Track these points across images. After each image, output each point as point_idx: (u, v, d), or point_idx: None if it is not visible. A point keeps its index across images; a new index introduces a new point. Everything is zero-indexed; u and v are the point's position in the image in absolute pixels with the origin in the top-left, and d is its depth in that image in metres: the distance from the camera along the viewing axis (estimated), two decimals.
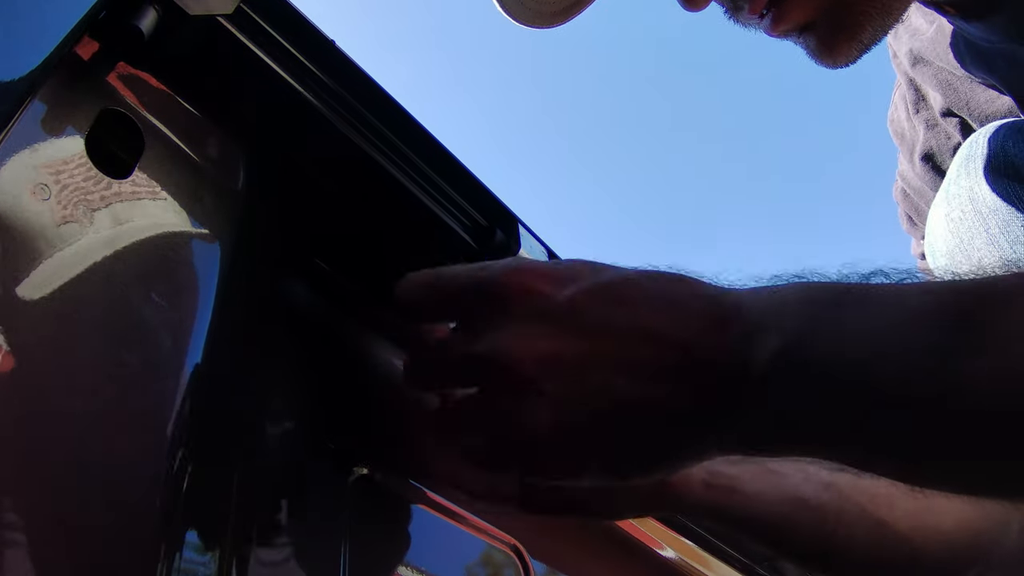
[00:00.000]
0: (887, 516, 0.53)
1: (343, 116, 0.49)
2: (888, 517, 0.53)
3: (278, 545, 0.46)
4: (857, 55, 0.67)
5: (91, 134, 0.38)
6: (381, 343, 0.64)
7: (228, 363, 0.45)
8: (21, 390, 0.32)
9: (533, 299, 0.38)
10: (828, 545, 0.54)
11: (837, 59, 0.67)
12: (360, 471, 0.55)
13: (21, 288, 0.33)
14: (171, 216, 0.42)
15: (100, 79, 0.41)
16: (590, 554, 0.80)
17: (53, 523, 0.31)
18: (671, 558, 0.93)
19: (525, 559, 0.67)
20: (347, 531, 0.51)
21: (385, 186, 0.52)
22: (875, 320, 0.33)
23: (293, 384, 0.54)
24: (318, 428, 0.54)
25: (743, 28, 0.73)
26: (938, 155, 0.83)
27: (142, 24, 0.38)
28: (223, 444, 0.44)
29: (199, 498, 0.40)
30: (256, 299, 0.52)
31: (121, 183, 0.40)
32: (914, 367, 0.32)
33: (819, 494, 0.53)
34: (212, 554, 0.41)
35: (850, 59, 0.67)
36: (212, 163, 0.47)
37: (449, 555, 0.62)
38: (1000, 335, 0.31)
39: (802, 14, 0.65)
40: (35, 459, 0.31)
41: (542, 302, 0.38)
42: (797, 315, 0.35)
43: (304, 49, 0.46)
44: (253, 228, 0.50)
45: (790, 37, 0.68)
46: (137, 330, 0.38)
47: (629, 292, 0.38)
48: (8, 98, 0.33)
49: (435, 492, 0.60)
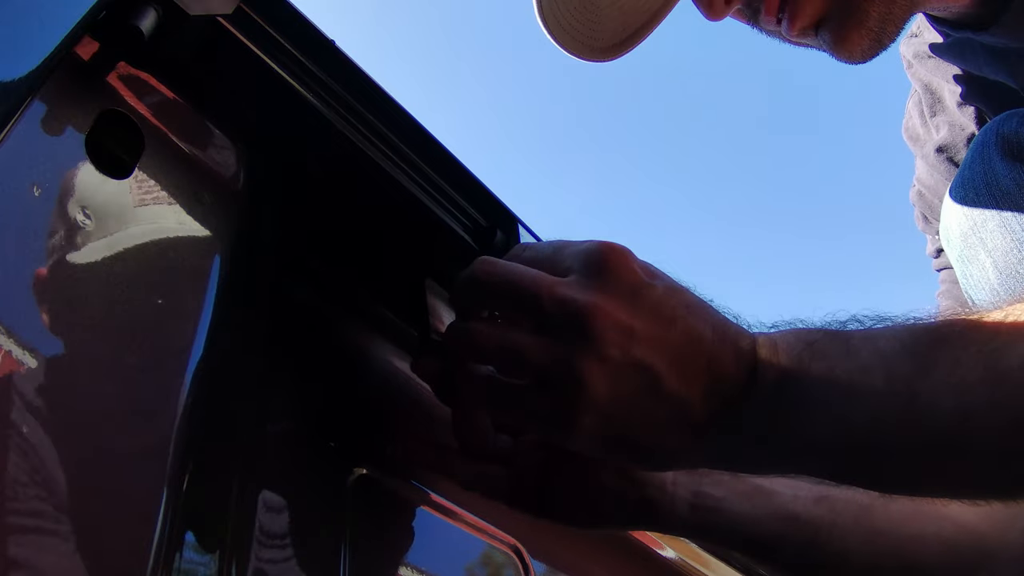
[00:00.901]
0: (883, 525, 0.53)
1: (343, 116, 0.49)
2: (884, 526, 0.53)
3: (278, 545, 0.46)
4: (870, 46, 0.69)
5: (91, 134, 0.38)
6: (381, 342, 0.64)
7: (228, 362, 0.45)
8: (20, 390, 0.32)
9: (629, 275, 0.45)
10: (822, 559, 0.54)
11: (852, 51, 0.70)
12: (360, 471, 0.55)
13: (20, 288, 0.33)
14: (170, 216, 0.42)
15: (100, 79, 0.41)
16: (590, 554, 0.80)
17: (53, 523, 0.31)
18: (671, 558, 0.93)
19: (525, 559, 0.67)
20: (347, 531, 0.51)
21: (385, 186, 0.52)
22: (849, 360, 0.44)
23: (293, 383, 0.54)
24: (318, 428, 0.54)
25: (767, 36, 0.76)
26: (952, 147, 0.84)
27: (142, 24, 0.38)
28: (223, 444, 0.44)
29: (199, 498, 0.40)
30: (256, 298, 0.52)
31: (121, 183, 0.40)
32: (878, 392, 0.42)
33: (810, 509, 0.54)
34: (212, 554, 0.41)
35: (864, 51, 0.69)
36: (212, 163, 0.47)
37: (449, 555, 0.62)
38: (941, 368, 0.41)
39: (813, 7, 0.68)
40: (35, 458, 0.31)
41: (635, 281, 0.45)
42: (790, 355, 0.45)
43: (304, 49, 0.46)
44: (253, 228, 0.50)
45: (808, 37, 0.70)
46: (137, 329, 0.38)
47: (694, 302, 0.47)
48: (8, 98, 0.33)
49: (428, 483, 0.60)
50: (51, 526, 0.31)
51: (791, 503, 0.54)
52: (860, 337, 0.44)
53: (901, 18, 0.69)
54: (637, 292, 0.45)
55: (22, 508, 0.30)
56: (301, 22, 0.46)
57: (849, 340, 0.44)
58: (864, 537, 0.53)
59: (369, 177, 0.52)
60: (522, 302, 0.46)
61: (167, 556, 0.36)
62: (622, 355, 0.43)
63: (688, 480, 0.55)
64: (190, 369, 0.40)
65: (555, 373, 0.44)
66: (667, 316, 0.45)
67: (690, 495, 0.55)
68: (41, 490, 0.31)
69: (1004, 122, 0.69)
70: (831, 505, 0.54)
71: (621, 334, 0.44)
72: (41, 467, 0.31)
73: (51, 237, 0.35)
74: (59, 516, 0.31)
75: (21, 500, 0.30)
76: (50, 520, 0.31)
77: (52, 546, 0.30)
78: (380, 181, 0.52)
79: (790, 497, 0.54)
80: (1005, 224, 0.65)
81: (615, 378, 0.43)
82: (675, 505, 0.55)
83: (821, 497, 0.54)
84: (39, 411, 0.32)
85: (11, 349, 0.32)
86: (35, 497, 0.31)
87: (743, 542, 0.55)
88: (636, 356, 0.43)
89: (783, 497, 0.54)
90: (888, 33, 0.69)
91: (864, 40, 0.68)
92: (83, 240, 0.36)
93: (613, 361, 0.43)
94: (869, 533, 0.53)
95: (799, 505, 0.54)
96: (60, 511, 0.31)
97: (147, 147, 0.42)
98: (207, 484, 0.41)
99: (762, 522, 0.54)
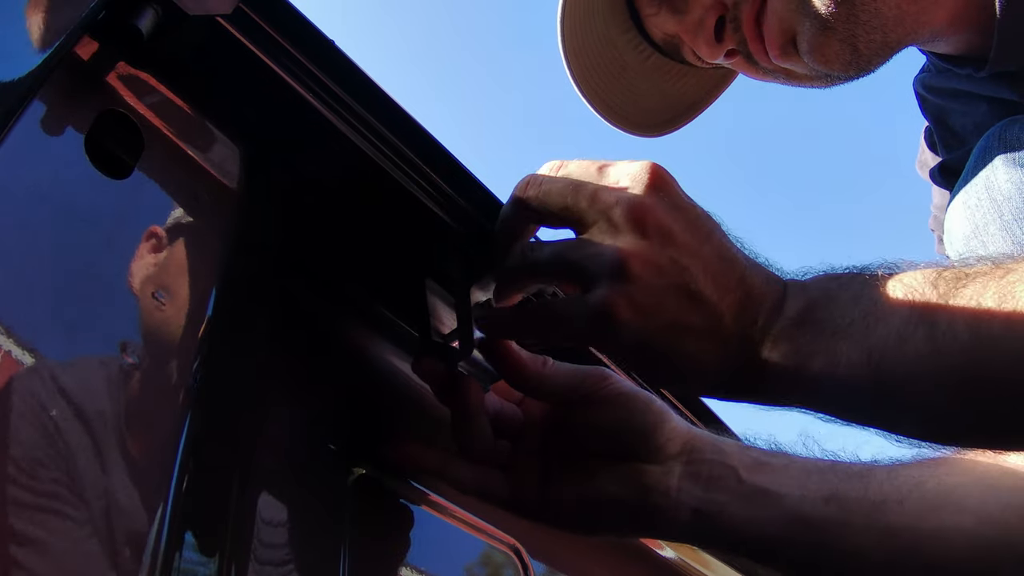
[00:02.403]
0: (898, 522, 0.51)
1: (342, 116, 0.49)
2: (899, 523, 0.51)
3: (278, 545, 0.46)
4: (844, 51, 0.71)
5: (91, 134, 0.38)
6: (381, 342, 0.64)
7: (227, 362, 0.45)
8: (19, 390, 0.32)
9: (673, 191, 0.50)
10: (834, 560, 0.52)
11: (829, 58, 0.72)
12: (360, 471, 0.55)
13: (20, 288, 0.33)
14: (170, 216, 0.42)
15: (100, 79, 0.41)
16: (590, 554, 0.80)
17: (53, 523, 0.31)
18: (671, 558, 0.93)
19: (525, 559, 0.67)
20: (347, 531, 0.51)
21: (384, 186, 0.52)
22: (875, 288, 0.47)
23: (293, 383, 0.54)
24: (319, 428, 0.54)
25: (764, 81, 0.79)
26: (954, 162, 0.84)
27: (142, 24, 0.38)
28: (223, 444, 0.44)
29: (199, 498, 0.40)
30: (256, 299, 0.52)
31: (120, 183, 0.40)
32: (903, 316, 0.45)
33: (819, 509, 0.52)
34: (212, 554, 0.41)
35: (843, 57, 0.71)
36: (211, 163, 0.47)
37: (449, 555, 0.62)
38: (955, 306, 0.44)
39: (780, 24, 0.72)
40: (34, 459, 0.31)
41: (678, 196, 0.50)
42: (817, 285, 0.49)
43: (303, 49, 0.46)
44: (252, 227, 0.50)
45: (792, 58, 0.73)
46: (136, 329, 0.38)
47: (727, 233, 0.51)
48: (8, 98, 0.33)
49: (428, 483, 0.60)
50: (51, 526, 0.31)
51: (799, 504, 0.52)
52: (885, 272, 0.48)
53: (871, 24, 0.69)
54: (679, 206, 0.49)
55: (21, 508, 0.30)
56: (301, 22, 0.46)
57: (875, 273, 0.48)
58: (878, 536, 0.51)
59: (369, 177, 0.52)
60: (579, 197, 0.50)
61: (167, 556, 0.36)
62: (662, 252, 0.47)
63: (691, 486, 0.54)
64: (190, 369, 0.40)
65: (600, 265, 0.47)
66: (704, 232, 0.49)
67: (694, 501, 0.54)
68: (40, 490, 0.31)
69: (1007, 127, 0.69)
70: (841, 503, 0.52)
71: (663, 233, 0.47)
72: (40, 467, 0.31)
73: (51, 237, 0.35)
74: (59, 516, 0.31)
75: (20, 500, 0.30)
76: (50, 520, 0.31)
77: (52, 546, 0.30)
78: (380, 181, 0.52)
79: (798, 498, 0.52)
80: (1006, 228, 0.65)
81: (654, 271, 0.47)
82: (679, 512, 0.54)
83: (831, 496, 0.52)
84: (38, 411, 0.32)
85: (11, 349, 0.32)
86: (34, 497, 0.31)
87: (750, 547, 0.54)
88: (674, 256, 0.47)
89: (790, 498, 0.52)
90: (861, 38, 0.70)
91: (835, 44, 0.71)
92: (83, 240, 0.36)
93: (655, 256, 0.47)
94: (883, 532, 0.51)
95: (807, 505, 0.52)
96: (60, 511, 0.31)
97: (146, 147, 0.41)
98: (207, 484, 0.41)
99: (769, 525, 0.52)
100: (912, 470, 0.53)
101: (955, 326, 0.43)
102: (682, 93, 0.94)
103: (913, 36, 0.74)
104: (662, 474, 0.55)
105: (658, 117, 0.96)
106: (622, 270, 0.46)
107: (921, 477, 0.52)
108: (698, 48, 0.80)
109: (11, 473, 0.30)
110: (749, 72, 0.84)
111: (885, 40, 0.71)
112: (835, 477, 0.53)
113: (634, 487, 0.54)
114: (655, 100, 0.94)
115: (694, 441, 0.56)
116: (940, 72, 0.84)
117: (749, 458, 0.55)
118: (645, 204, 0.48)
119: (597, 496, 0.55)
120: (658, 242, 0.47)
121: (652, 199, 0.48)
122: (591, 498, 0.55)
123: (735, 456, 0.55)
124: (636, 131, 0.97)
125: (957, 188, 0.73)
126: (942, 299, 0.44)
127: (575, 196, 0.50)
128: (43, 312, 0.34)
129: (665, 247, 0.47)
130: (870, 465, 0.55)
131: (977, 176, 0.70)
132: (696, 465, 0.55)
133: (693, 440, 0.56)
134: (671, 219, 0.48)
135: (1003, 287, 0.43)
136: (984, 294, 0.43)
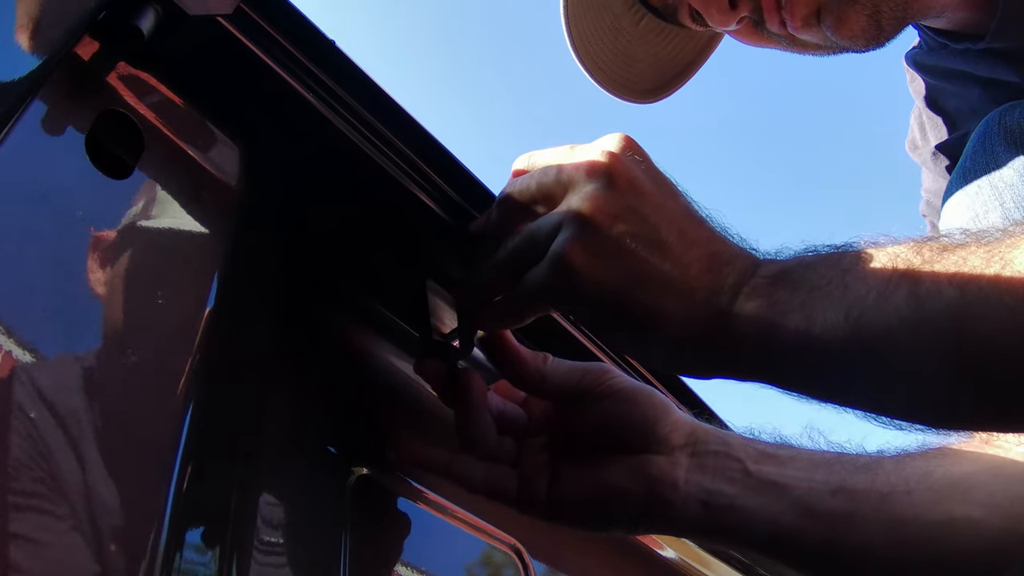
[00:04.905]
0: (905, 513, 0.50)
1: (342, 116, 0.49)
2: (907, 514, 0.50)
3: (278, 545, 0.46)
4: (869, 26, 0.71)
5: (91, 134, 0.38)
6: (381, 341, 0.64)
7: (227, 362, 0.45)
8: (19, 389, 0.32)
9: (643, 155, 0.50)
10: (843, 552, 0.51)
11: (854, 31, 0.72)
12: (360, 471, 0.55)
13: (20, 288, 0.33)
14: (170, 215, 0.42)
15: (100, 79, 0.41)
16: (590, 554, 0.80)
17: (53, 523, 0.31)
18: (671, 558, 0.93)
19: (525, 559, 0.67)
20: (347, 531, 0.51)
21: (384, 185, 0.52)
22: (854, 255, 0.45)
23: (294, 384, 0.54)
24: (319, 428, 0.54)
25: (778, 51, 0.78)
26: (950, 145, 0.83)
27: (142, 24, 0.38)
28: (223, 444, 0.44)
29: (199, 498, 0.40)
30: (255, 297, 0.52)
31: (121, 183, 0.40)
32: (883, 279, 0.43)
33: (826, 501, 0.51)
34: (212, 554, 0.41)
35: (866, 31, 0.72)
36: (211, 163, 0.47)
37: (449, 555, 0.62)
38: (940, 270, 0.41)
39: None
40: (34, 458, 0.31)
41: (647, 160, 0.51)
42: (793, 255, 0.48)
43: (304, 49, 0.46)
44: (252, 227, 0.50)
45: (812, 28, 0.72)
46: (136, 328, 0.38)
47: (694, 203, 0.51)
48: (8, 98, 0.33)
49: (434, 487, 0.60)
50: (51, 526, 0.31)
51: (806, 496, 0.52)
52: (866, 243, 0.46)
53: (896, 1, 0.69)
54: (648, 168, 0.50)
55: (21, 508, 0.30)
56: (301, 22, 0.46)
57: (854, 244, 0.46)
58: (886, 527, 0.50)
59: (369, 177, 0.52)
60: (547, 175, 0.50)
61: (167, 556, 0.36)
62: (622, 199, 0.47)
63: (698, 478, 0.54)
64: (190, 369, 0.40)
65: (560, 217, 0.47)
66: (670, 189, 0.50)
67: (702, 493, 0.53)
68: (40, 489, 0.31)
69: (1007, 112, 0.69)
70: (849, 495, 0.51)
71: (628, 181, 0.48)
72: (40, 467, 0.31)
73: (51, 237, 0.35)
74: (59, 516, 0.31)
75: (20, 500, 0.30)
76: (50, 520, 0.31)
77: (52, 545, 0.30)
78: (380, 181, 0.52)
79: (805, 490, 0.52)
80: (1007, 216, 0.64)
81: (611, 218, 0.46)
82: (687, 505, 0.53)
83: (838, 488, 0.51)
84: (38, 410, 0.32)
85: (11, 349, 0.32)
86: (34, 497, 0.31)
87: (761, 540, 0.53)
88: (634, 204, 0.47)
89: (797, 490, 0.52)
90: (884, 14, 0.70)
91: (862, 19, 0.70)
92: (83, 240, 0.36)
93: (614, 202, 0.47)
94: (891, 523, 0.50)
95: (814, 497, 0.52)
96: (60, 511, 0.31)
97: (147, 147, 0.41)
98: (207, 484, 0.41)
99: (779, 517, 0.52)
100: (919, 460, 0.53)
101: (940, 284, 0.40)
102: (673, 56, 0.93)
103: (928, 11, 0.74)
104: (669, 464, 0.54)
105: (650, 82, 0.96)
106: (579, 216, 0.46)
107: (928, 467, 0.52)
108: (709, 15, 0.78)
109: (11, 473, 0.30)
110: (750, 39, 0.82)
111: (905, 15, 0.72)
112: (842, 469, 0.53)
113: (642, 477, 0.54)
114: (647, 64, 0.93)
115: (698, 433, 0.56)
116: (932, 49, 0.83)
117: (755, 450, 0.55)
118: (613, 156, 0.48)
119: (605, 488, 0.54)
120: (622, 190, 0.47)
121: (621, 156, 0.49)
122: (599, 492, 0.54)
123: (741, 448, 0.55)
124: (630, 96, 0.97)
125: (955, 174, 0.72)
126: (926, 264, 0.42)
127: (543, 176, 0.50)
128: (43, 312, 0.34)
129: (626, 196, 0.47)
130: (877, 456, 0.54)
131: (976, 162, 0.69)
132: (702, 456, 0.55)
133: (697, 432, 0.56)
134: (638, 171, 0.48)
135: (991, 251, 0.41)
136: (970, 259, 0.41)
